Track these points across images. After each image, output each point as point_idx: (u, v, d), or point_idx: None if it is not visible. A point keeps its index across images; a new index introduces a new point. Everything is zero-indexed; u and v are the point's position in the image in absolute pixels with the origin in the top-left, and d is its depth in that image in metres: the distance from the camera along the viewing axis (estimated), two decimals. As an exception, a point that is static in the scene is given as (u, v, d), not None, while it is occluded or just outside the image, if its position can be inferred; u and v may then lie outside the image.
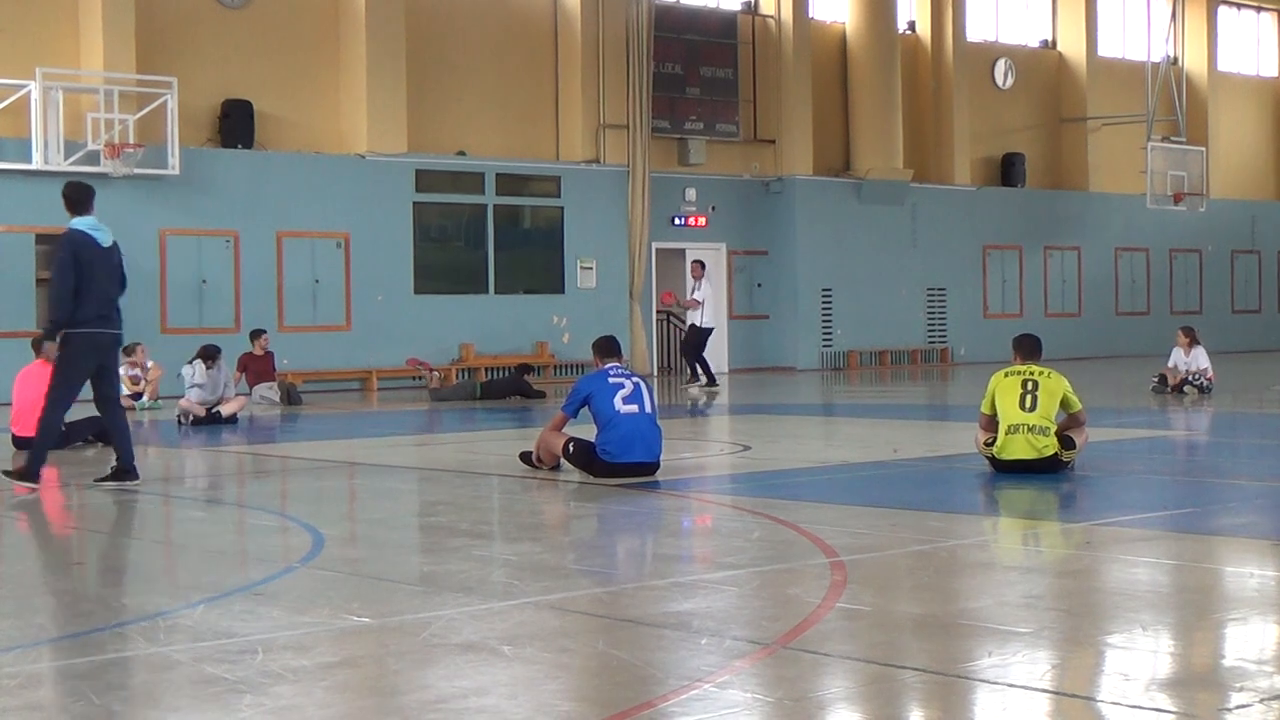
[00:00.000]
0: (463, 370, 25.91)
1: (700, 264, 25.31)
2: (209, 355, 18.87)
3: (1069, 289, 36.51)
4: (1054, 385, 11.16)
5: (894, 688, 5.17)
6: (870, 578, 7.14)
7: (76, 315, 11.05)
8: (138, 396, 20.98)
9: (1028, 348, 11.56)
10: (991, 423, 11.28)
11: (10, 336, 22.84)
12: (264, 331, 23.07)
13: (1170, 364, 21.39)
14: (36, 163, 22.90)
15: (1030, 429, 10.97)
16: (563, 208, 28.68)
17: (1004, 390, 11.20)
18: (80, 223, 11.22)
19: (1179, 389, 20.91)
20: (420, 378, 24.31)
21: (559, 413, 11.63)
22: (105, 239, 11.27)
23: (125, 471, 11.38)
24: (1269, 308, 41.09)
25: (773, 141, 31.71)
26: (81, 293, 11.02)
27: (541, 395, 22.93)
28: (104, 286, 11.16)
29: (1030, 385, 11.13)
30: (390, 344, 26.18)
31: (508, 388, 23.14)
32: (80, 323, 11.08)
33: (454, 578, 7.34)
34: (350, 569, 7.63)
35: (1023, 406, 11.03)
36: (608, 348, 11.81)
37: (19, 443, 13.68)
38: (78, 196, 11.35)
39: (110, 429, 11.74)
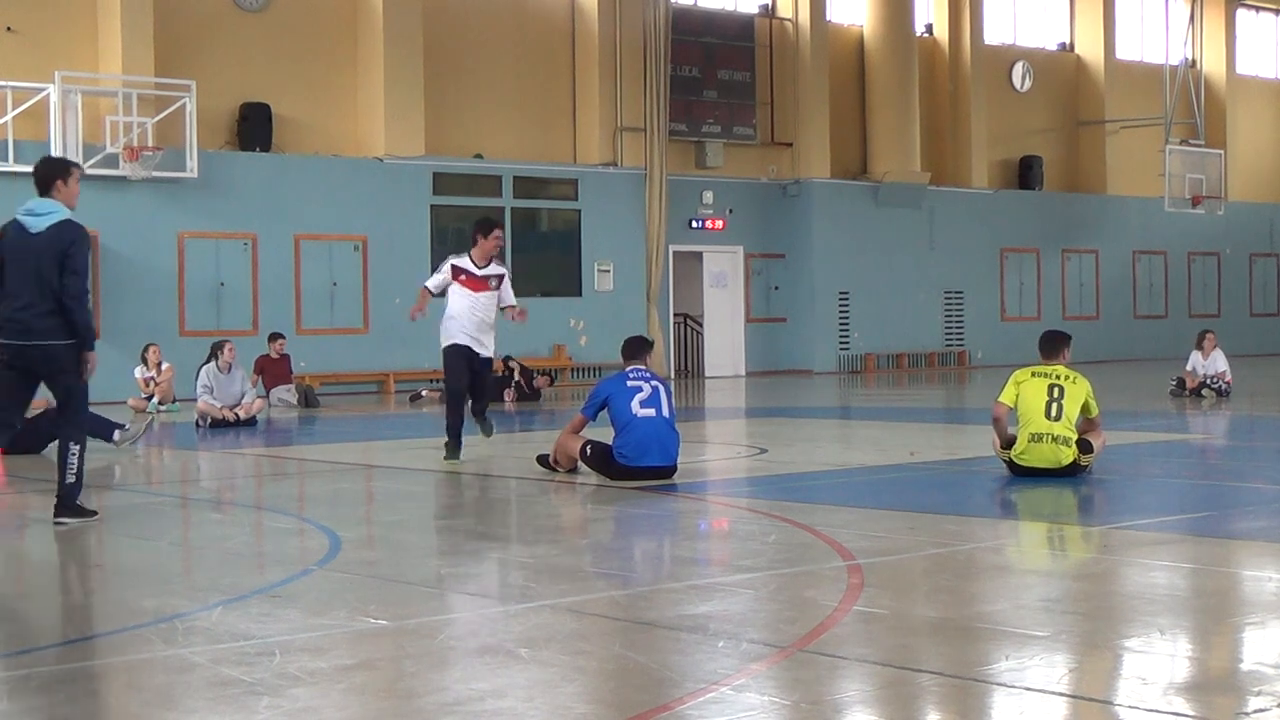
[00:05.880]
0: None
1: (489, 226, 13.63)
2: (214, 351, 18.88)
3: (1087, 292, 36.44)
4: (1077, 391, 11.12)
5: (911, 691, 5.16)
6: (887, 581, 7.13)
7: None
8: (151, 398, 21.04)
9: (1046, 347, 11.53)
10: (1008, 414, 11.26)
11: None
12: (281, 335, 23.13)
13: (1188, 367, 21.34)
14: (56, 166, 22.95)
15: (1055, 439, 10.94)
16: (580, 210, 28.70)
17: (1029, 392, 11.14)
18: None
19: (1197, 392, 20.86)
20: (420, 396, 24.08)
21: (578, 415, 11.67)
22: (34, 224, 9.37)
23: None
24: (1288, 311, 41.03)
25: (790, 144, 31.70)
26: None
27: (536, 397, 23.13)
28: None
29: (1056, 392, 11.06)
30: (408, 347, 26.19)
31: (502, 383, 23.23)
32: None
33: (471, 580, 7.35)
34: (367, 571, 7.64)
35: (1048, 415, 10.98)
36: (630, 349, 11.79)
37: None
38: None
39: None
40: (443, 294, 13.30)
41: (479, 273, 13.17)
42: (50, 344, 9.21)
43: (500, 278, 13.24)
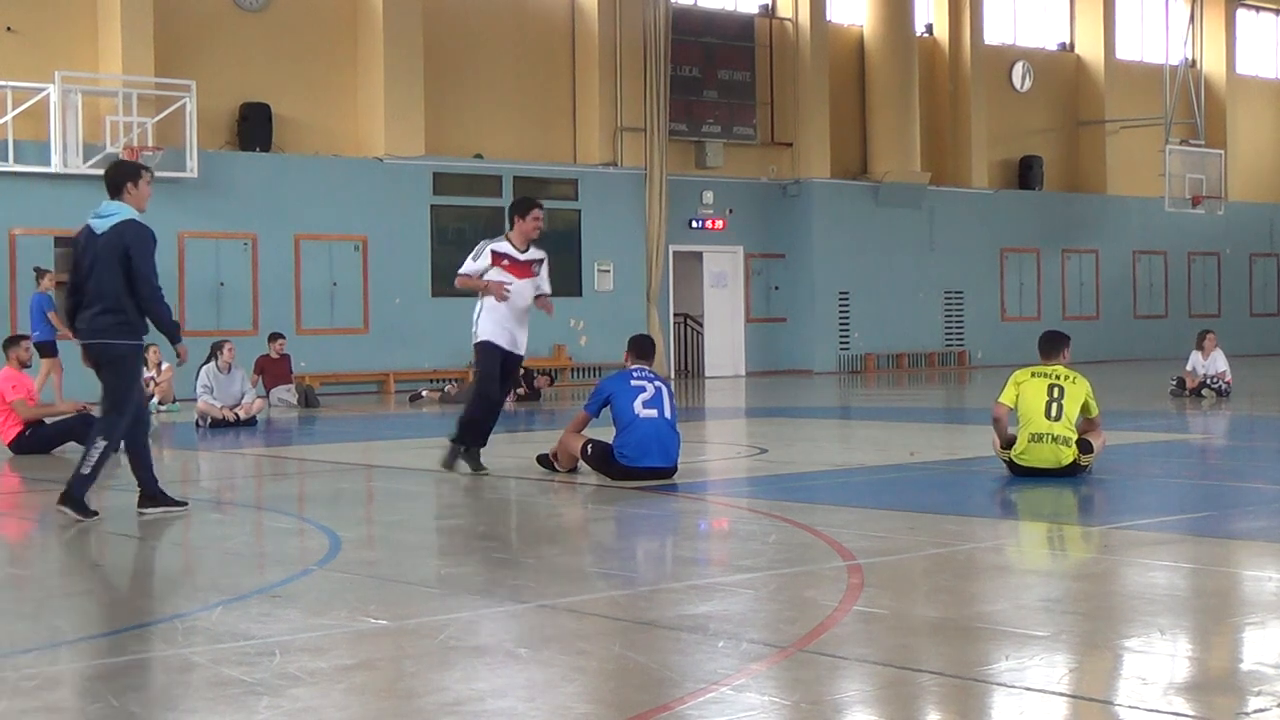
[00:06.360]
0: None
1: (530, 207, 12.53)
2: (214, 352, 18.88)
3: (1087, 292, 36.45)
4: (1077, 391, 11.13)
5: (911, 691, 5.16)
6: (887, 581, 7.13)
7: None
8: (151, 398, 21.05)
9: (1046, 347, 11.54)
10: (1008, 414, 11.27)
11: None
12: (281, 335, 23.12)
13: (1188, 367, 21.34)
14: (55, 166, 23.00)
15: (1055, 439, 10.94)
16: (580, 210, 28.70)
17: (1029, 392, 11.15)
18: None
19: (1197, 392, 20.86)
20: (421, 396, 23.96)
21: (581, 411, 11.65)
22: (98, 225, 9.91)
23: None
24: (1288, 311, 41.04)
25: (790, 144, 31.71)
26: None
27: (536, 397, 23.16)
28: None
29: (1056, 392, 11.07)
30: (408, 347, 26.23)
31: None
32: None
33: (471, 580, 7.35)
34: (367, 571, 7.64)
35: (1049, 415, 10.99)
36: (638, 348, 11.75)
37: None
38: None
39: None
40: None
41: (522, 257, 11.91)
42: (106, 342, 9.69)
43: (541, 262, 12.04)
